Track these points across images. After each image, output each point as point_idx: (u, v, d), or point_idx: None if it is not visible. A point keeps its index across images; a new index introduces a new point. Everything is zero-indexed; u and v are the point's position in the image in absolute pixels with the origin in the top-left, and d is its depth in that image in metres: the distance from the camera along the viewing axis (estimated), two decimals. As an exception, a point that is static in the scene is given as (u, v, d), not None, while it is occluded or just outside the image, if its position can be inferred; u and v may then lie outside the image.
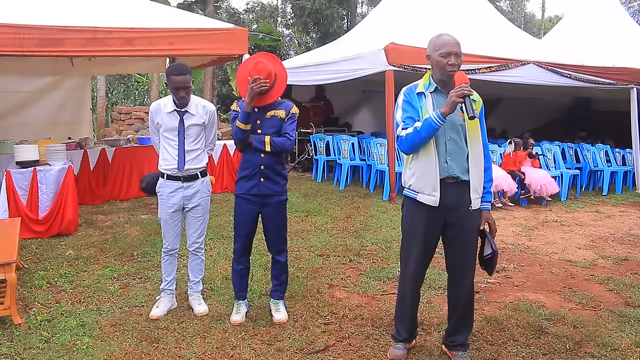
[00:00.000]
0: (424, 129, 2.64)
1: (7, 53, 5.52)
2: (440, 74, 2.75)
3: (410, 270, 2.91)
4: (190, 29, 6.43)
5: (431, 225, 2.82)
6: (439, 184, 2.72)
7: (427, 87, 2.80)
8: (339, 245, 5.21)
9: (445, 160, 2.73)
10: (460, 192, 2.76)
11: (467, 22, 8.62)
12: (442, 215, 2.78)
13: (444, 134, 2.73)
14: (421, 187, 2.77)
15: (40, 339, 3.13)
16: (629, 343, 3.19)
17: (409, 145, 2.73)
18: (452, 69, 2.69)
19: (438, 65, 2.73)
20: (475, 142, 2.77)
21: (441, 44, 2.72)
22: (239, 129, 3.24)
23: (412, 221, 2.87)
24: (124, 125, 14.18)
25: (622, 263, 4.92)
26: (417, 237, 2.84)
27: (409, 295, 2.97)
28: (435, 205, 2.74)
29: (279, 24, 23.89)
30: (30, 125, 7.98)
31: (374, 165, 8.22)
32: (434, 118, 2.62)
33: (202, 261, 3.70)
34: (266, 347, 3.09)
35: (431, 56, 2.77)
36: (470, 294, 2.92)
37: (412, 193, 2.82)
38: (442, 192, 2.73)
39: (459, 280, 2.90)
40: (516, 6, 34.71)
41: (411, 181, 2.82)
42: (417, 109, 2.75)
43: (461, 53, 2.72)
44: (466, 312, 2.94)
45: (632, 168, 9.21)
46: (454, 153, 2.74)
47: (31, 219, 5.33)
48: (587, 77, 8.52)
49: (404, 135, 2.73)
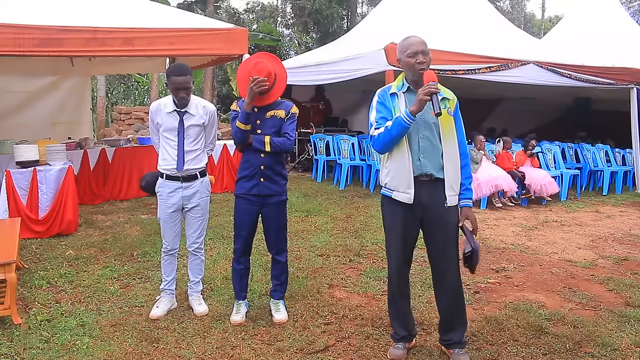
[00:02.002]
0: (394, 127, 2.69)
1: (7, 53, 5.52)
2: (412, 75, 2.79)
3: (392, 268, 2.96)
4: (190, 29, 6.44)
5: (408, 223, 2.85)
6: (413, 181, 2.76)
7: (400, 87, 2.85)
8: (339, 245, 5.21)
9: (419, 158, 2.76)
10: (435, 189, 2.79)
11: (467, 22, 8.62)
12: (419, 212, 2.82)
13: (417, 132, 2.76)
14: (396, 185, 2.81)
15: (40, 339, 3.13)
16: (629, 343, 3.19)
17: (381, 144, 2.78)
18: (421, 67, 2.73)
19: (408, 66, 2.78)
20: (450, 139, 2.80)
21: (407, 45, 2.79)
22: (238, 129, 3.24)
23: (390, 219, 2.91)
24: (124, 125, 14.19)
25: (622, 263, 4.92)
26: (396, 235, 2.88)
27: (396, 292, 3.00)
28: (410, 203, 2.77)
29: (279, 24, 23.90)
30: (31, 125, 7.98)
31: (374, 165, 8.22)
32: (404, 116, 2.66)
33: (202, 261, 3.70)
34: (266, 347, 3.09)
35: (401, 59, 2.83)
36: (454, 290, 2.91)
37: (388, 191, 2.86)
38: (417, 190, 2.76)
39: (440, 277, 2.92)
40: (516, 6, 34.73)
41: (387, 179, 2.86)
42: (390, 110, 2.80)
43: (428, 51, 2.78)
44: (453, 308, 2.94)
45: (632, 168, 9.22)
46: (428, 151, 2.77)
47: (31, 219, 5.33)
48: (587, 77, 8.51)
49: (376, 134, 2.78)
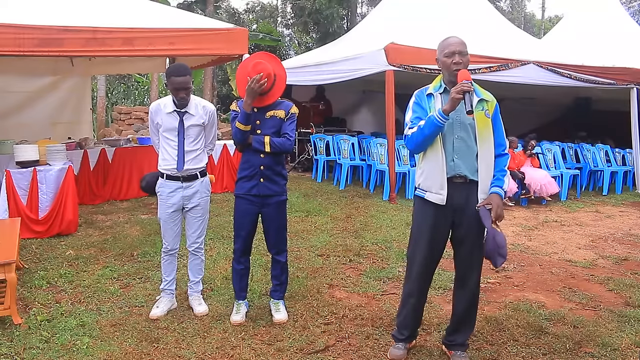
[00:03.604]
0: (427, 126, 2.68)
1: (7, 53, 5.51)
2: (448, 75, 2.78)
3: (416, 269, 2.91)
4: (190, 29, 6.43)
5: (439, 224, 2.83)
6: (447, 182, 2.74)
7: (437, 88, 2.84)
8: (339, 245, 5.21)
9: (452, 159, 2.74)
10: (468, 191, 2.77)
11: (467, 22, 8.61)
12: (450, 214, 2.80)
13: (452, 132, 2.74)
14: (429, 185, 2.80)
15: (40, 339, 3.13)
16: (629, 343, 3.19)
17: (414, 144, 2.78)
18: (456, 67, 2.72)
19: (444, 66, 2.78)
20: (486, 141, 2.77)
21: (446, 45, 2.78)
22: (238, 129, 3.23)
23: (421, 220, 2.89)
24: (124, 125, 14.19)
25: (622, 263, 4.92)
26: (425, 236, 2.85)
27: (415, 295, 2.96)
28: (443, 204, 2.76)
29: (279, 24, 23.88)
30: (31, 125, 7.97)
31: (374, 165, 8.22)
32: (436, 116, 2.65)
33: (202, 261, 3.70)
34: (266, 347, 3.09)
35: (439, 59, 2.82)
36: (473, 295, 2.92)
37: (421, 192, 2.85)
38: (450, 191, 2.74)
39: (462, 280, 2.92)
40: (516, 6, 34.71)
41: (420, 180, 2.86)
42: (425, 110, 2.79)
43: (466, 52, 2.76)
44: (468, 312, 2.95)
45: (632, 168, 9.21)
46: (462, 152, 2.75)
47: (31, 219, 5.33)
48: (587, 77, 8.52)
49: (409, 134, 2.77)
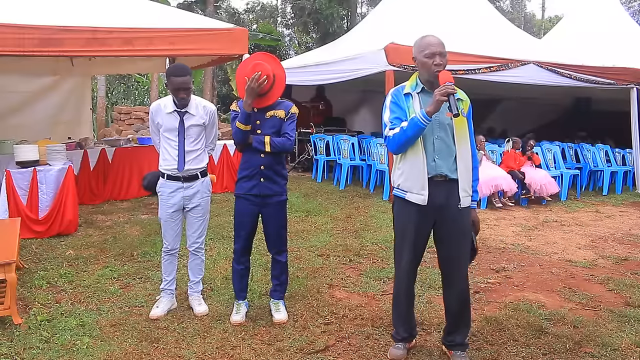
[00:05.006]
0: (410, 128, 2.68)
1: (7, 53, 5.52)
2: (427, 75, 2.77)
3: (402, 269, 2.94)
4: (190, 29, 6.44)
5: (421, 224, 2.83)
6: (427, 182, 2.74)
7: (414, 87, 2.83)
8: (339, 245, 5.21)
9: (433, 159, 2.75)
10: (449, 190, 2.78)
11: (467, 22, 8.61)
12: (432, 213, 2.80)
13: (432, 133, 2.75)
14: (410, 186, 2.80)
15: (40, 339, 3.13)
16: (629, 343, 3.19)
17: (396, 145, 2.77)
18: (437, 69, 2.71)
19: (424, 66, 2.76)
20: (464, 141, 2.80)
21: (426, 44, 2.75)
22: (238, 129, 3.23)
23: (403, 220, 2.89)
24: (124, 125, 14.18)
25: (622, 263, 4.92)
26: (408, 236, 2.86)
27: (403, 294, 2.99)
28: (424, 204, 2.76)
29: (279, 24, 23.90)
30: (30, 125, 7.97)
31: (374, 165, 8.22)
32: (420, 117, 2.65)
33: (202, 261, 3.70)
34: (266, 347, 3.09)
35: (417, 57, 2.80)
36: (463, 292, 2.91)
37: (401, 192, 2.84)
38: (431, 191, 2.75)
39: (450, 278, 2.92)
40: (516, 6, 34.73)
41: (400, 180, 2.85)
42: (404, 110, 2.78)
43: (446, 53, 2.75)
44: (460, 310, 2.94)
45: (632, 168, 9.21)
46: (442, 152, 2.76)
47: (31, 219, 5.33)
48: (587, 77, 8.51)
49: (391, 135, 2.76)
